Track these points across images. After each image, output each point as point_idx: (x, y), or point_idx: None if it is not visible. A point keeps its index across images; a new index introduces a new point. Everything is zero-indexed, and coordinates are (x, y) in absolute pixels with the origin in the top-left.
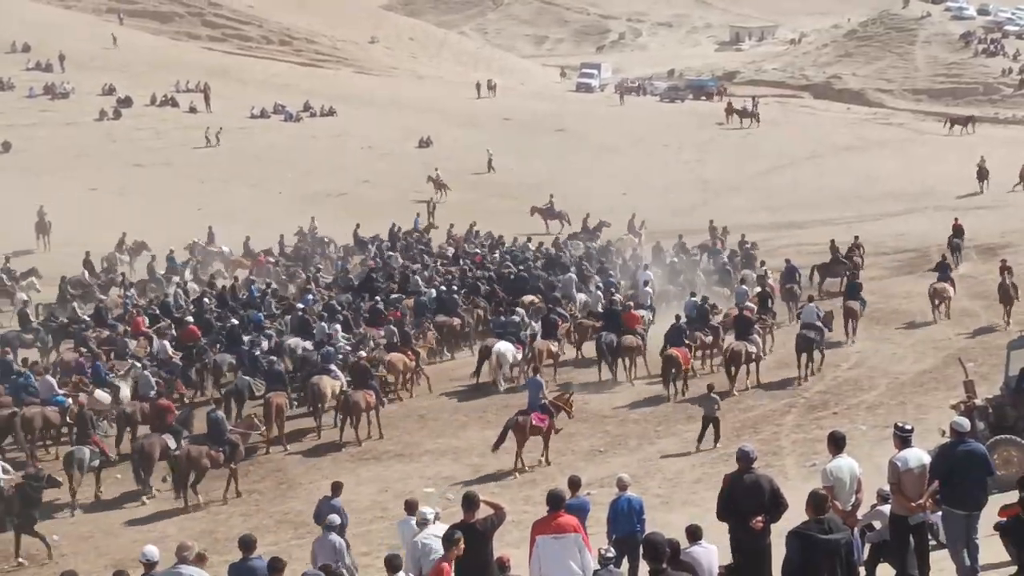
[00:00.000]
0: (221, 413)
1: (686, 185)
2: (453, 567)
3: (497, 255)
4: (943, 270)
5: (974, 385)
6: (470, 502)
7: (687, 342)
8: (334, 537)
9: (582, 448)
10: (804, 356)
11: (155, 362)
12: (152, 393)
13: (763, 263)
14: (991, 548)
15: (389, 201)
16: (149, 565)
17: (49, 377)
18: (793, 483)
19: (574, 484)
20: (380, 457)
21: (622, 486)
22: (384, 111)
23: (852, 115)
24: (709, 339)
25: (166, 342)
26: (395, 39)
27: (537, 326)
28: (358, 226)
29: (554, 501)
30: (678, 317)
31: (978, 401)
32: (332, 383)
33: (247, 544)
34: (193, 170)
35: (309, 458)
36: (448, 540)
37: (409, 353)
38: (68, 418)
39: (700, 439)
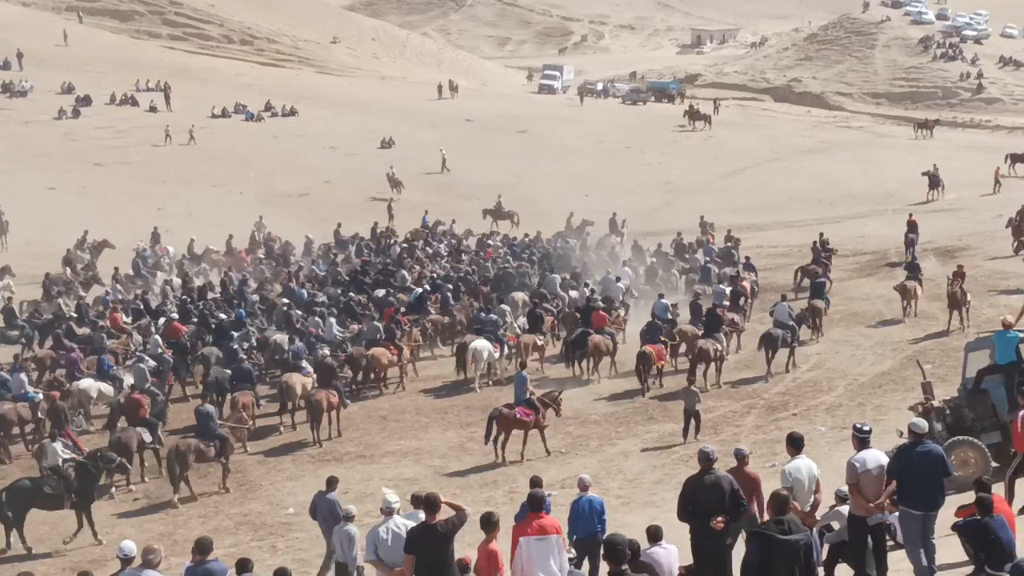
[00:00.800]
0: (210, 407)
1: (649, 186)
2: (414, 569)
3: (503, 252)
4: (912, 269)
5: (932, 387)
6: (431, 504)
7: (662, 339)
8: (351, 527)
9: (543, 449)
10: (770, 353)
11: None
12: (147, 386)
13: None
14: (948, 548)
15: (351, 201)
16: (126, 561)
17: (21, 374)
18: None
19: (535, 485)
20: (341, 458)
21: (583, 487)
22: (346, 111)
23: (812, 118)
24: (700, 332)
25: (158, 337)
26: (357, 39)
27: (520, 321)
28: (339, 225)
29: (535, 503)
30: (654, 315)
31: (936, 403)
32: (303, 380)
33: (203, 547)
34: (153, 170)
35: (269, 459)
36: (487, 522)
37: (392, 348)
38: (39, 414)
39: (685, 433)
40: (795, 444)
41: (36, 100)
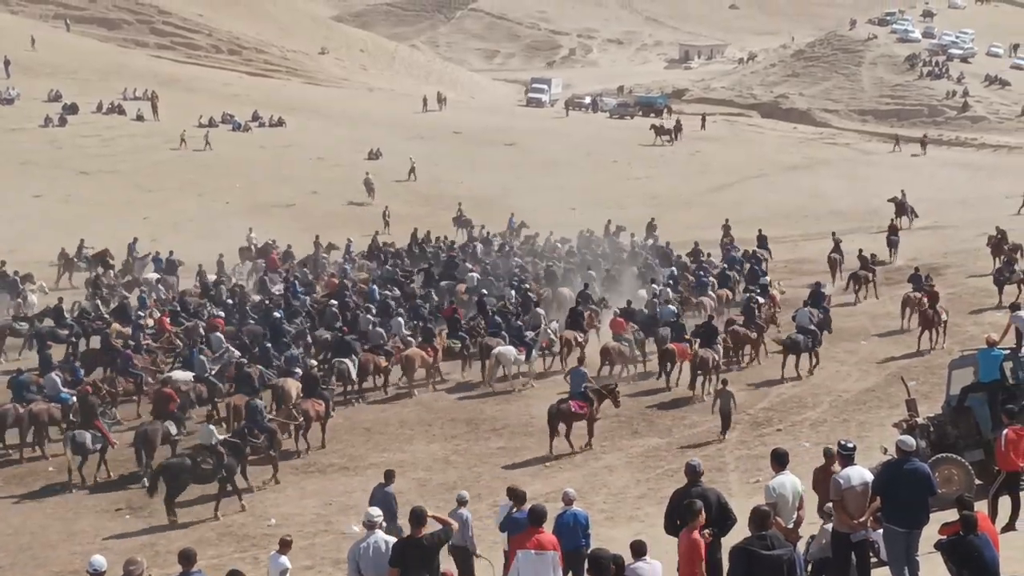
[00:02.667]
0: (260, 402)
1: (635, 200)
2: None
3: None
4: (916, 280)
5: (916, 404)
6: (418, 517)
7: (687, 337)
8: (463, 511)
9: (528, 462)
10: (793, 357)
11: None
12: (206, 375)
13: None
14: (932, 566)
15: (338, 212)
16: (96, 575)
17: (55, 375)
18: (737, 499)
19: (519, 498)
20: (325, 470)
21: (567, 500)
22: (333, 122)
23: (799, 134)
24: (754, 335)
25: (219, 334)
26: (345, 50)
27: (554, 326)
28: (377, 233)
29: (537, 518)
30: (678, 315)
31: (920, 420)
32: (296, 385)
33: (187, 557)
34: (139, 179)
35: (252, 469)
36: (689, 510)
37: (429, 349)
38: (72, 415)
39: (723, 431)
40: (779, 460)
41: (23, 107)
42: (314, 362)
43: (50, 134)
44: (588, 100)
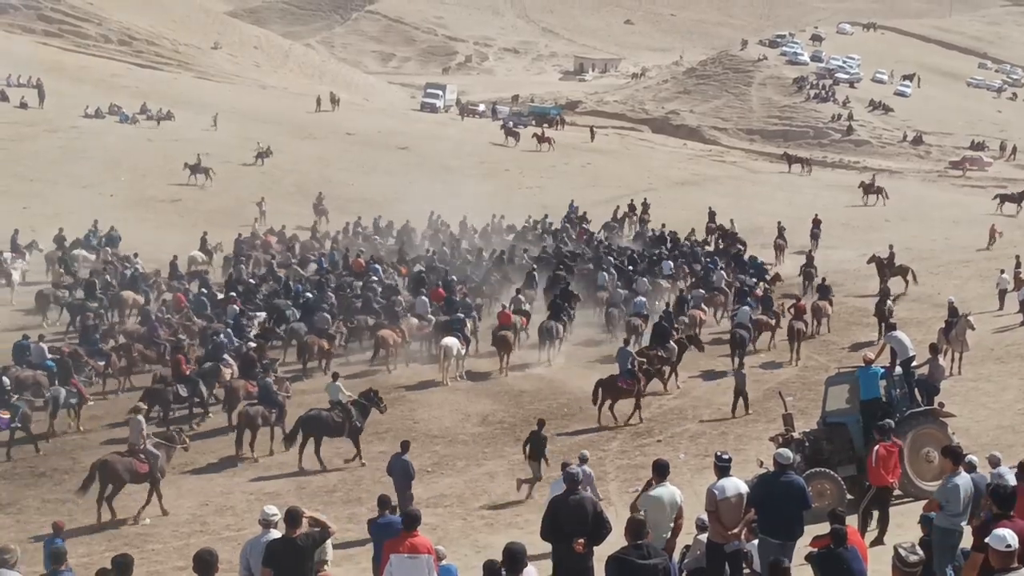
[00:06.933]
0: (269, 379)
1: (526, 210)
2: None
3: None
4: (824, 291)
5: (792, 419)
6: (294, 518)
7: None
8: (587, 468)
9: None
10: (738, 351)
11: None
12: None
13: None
14: None
15: (224, 209)
16: None
17: (42, 344)
18: (616, 508)
19: (384, 504)
20: (205, 470)
21: (440, 557)
22: (224, 118)
23: (688, 151)
24: (773, 321)
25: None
26: (239, 46)
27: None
28: (379, 216)
29: (410, 521)
30: (661, 316)
31: (795, 434)
32: (224, 371)
33: (58, 556)
34: (21, 168)
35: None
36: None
37: (397, 330)
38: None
39: (734, 410)
40: (660, 471)
41: None
42: (253, 344)
43: None
44: (482, 108)
